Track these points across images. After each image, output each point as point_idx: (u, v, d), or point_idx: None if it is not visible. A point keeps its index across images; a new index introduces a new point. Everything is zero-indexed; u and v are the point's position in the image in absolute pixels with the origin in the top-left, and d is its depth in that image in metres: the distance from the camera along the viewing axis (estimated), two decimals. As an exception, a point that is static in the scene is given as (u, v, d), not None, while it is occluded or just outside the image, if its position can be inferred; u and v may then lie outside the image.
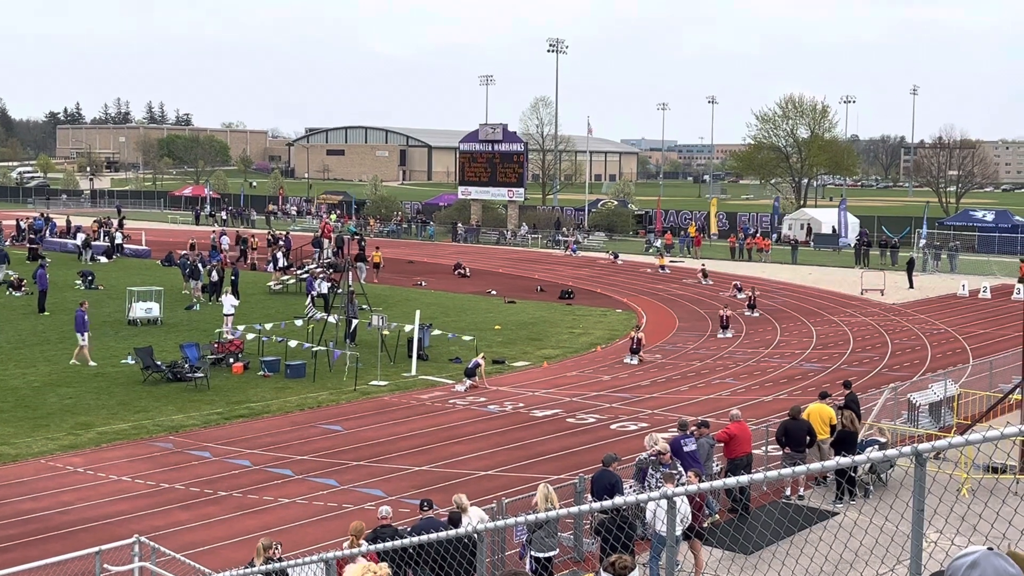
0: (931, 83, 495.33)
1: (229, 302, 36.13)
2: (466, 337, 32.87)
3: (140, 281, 44.31)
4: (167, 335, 34.85)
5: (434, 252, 69.22)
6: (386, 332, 31.57)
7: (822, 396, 20.81)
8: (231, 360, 30.25)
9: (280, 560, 13.14)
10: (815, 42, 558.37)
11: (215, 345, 30.97)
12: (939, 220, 75.10)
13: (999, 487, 17.87)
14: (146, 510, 18.16)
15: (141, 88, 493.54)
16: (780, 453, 19.01)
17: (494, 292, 48.76)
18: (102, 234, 64.32)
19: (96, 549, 12.64)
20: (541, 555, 13.88)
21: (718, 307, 41.11)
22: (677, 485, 14.28)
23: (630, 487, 16.14)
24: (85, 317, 30.75)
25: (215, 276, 44.26)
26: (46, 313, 38.91)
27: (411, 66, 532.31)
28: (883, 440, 20.26)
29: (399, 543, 8.98)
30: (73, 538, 16.44)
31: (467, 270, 56.15)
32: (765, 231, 75.80)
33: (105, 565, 12.82)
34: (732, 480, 6.41)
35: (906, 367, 31.29)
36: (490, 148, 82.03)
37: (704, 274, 53.84)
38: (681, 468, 16.27)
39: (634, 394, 27.86)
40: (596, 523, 14.48)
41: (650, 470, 15.96)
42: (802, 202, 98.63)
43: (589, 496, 15.51)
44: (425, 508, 14.28)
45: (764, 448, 19.91)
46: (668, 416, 24.66)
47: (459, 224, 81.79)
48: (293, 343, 30.59)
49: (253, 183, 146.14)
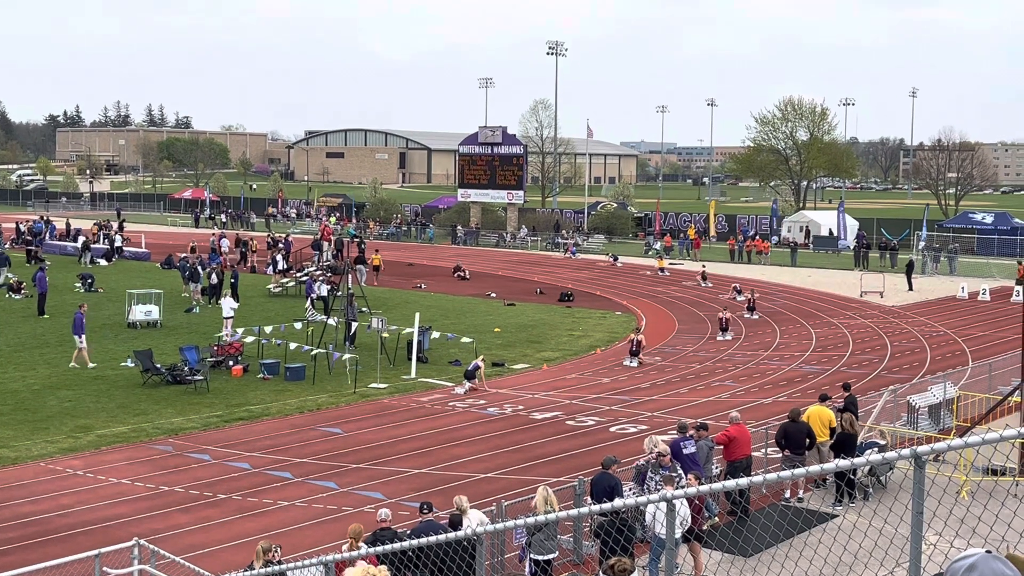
0: (930, 85, 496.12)
1: (228, 305, 36.13)
2: (466, 339, 32.87)
3: (140, 284, 44.34)
4: (167, 338, 34.85)
5: (434, 255, 69.23)
6: (385, 335, 31.56)
7: (822, 399, 20.84)
8: (231, 363, 30.27)
9: (280, 563, 13.15)
10: (814, 44, 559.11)
11: (215, 348, 30.96)
12: (938, 222, 75.12)
13: (998, 489, 17.88)
14: (145, 513, 18.16)
15: (141, 91, 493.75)
16: (780, 456, 19.02)
17: (494, 295, 48.76)
18: (102, 237, 64.33)
19: (95, 552, 12.64)
20: (541, 558, 13.89)
21: (717, 309, 41.12)
22: (676, 488, 14.29)
23: (630, 490, 16.14)
24: (83, 319, 30.78)
25: (215, 279, 44.27)
26: (46, 316, 38.90)
27: (411, 69, 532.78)
28: (882, 442, 20.26)
29: (398, 546, 8.98)
30: (72, 541, 16.44)
31: (467, 272, 56.15)
32: (764, 233, 75.85)
33: (104, 568, 12.81)
34: (732, 482, 6.42)
35: (905, 369, 31.30)
36: (490, 151, 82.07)
37: (704, 276, 53.85)
38: (681, 471, 16.27)
39: (634, 396, 27.86)
40: (596, 526, 14.48)
41: (649, 472, 15.96)
42: (801, 204, 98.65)
43: (589, 499, 15.52)
44: (425, 511, 14.28)
45: (764, 450, 19.92)
46: (668, 418, 24.65)
47: (459, 227, 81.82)
48: (292, 346, 30.60)
49: (253, 186, 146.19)
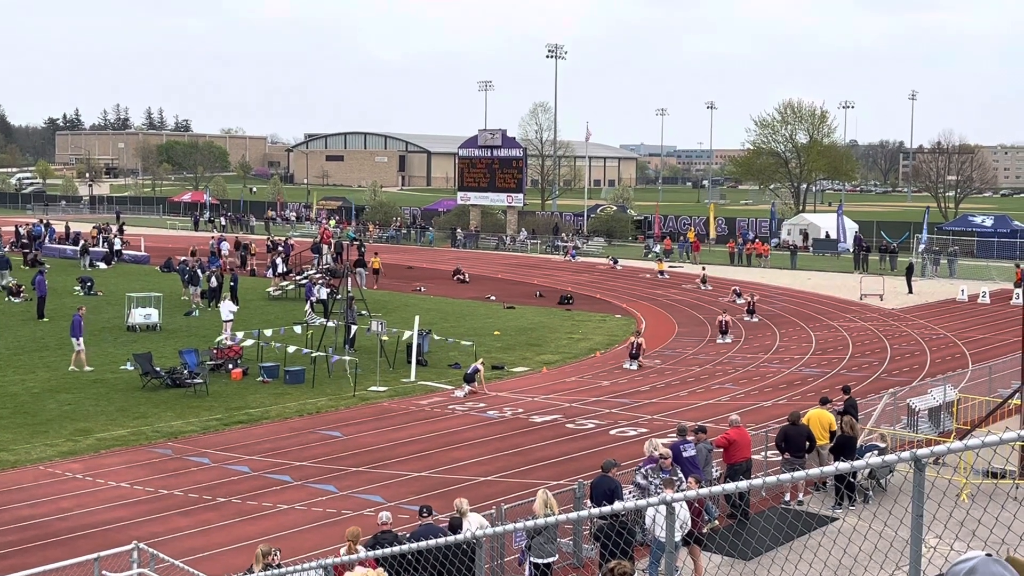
0: (930, 88, 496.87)
1: (228, 308, 36.13)
2: (465, 343, 32.86)
3: (139, 287, 44.33)
4: (166, 341, 34.84)
5: (433, 258, 69.23)
6: (385, 338, 31.56)
7: (823, 402, 20.83)
8: (230, 366, 30.25)
9: (279, 566, 13.14)
10: (814, 47, 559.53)
11: (214, 351, 30.95)
12: (938, 225, 75.13)
13: (998, 492, 17.87)
14: (145, 516, 18.14)
15: (140, 94, 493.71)
16: (780, 458, 19.01)
17: (493, 298, 48.75)
18: (101, 240, 64.32)
19: (95, 555, 12.61)
20: (541, 561, 13.87)
21: (717, 312, 41.11)
22: (676, 491, 14.28)
23: (629, 493, 16.12)
24: (82, 322, 30.77)
25: (214, 282, 44.28)
26: (45, 319, 38.89)
27: (410, 72, 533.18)
28: (882, 445, 20.25)
29: (398, 549, 8.98)
30: (72, 544, 16.42)
31: (466, 276, 56.16)
32: (764, 236, 75.85)
33: (104, 572, 12.78)
34: (731, 485, 6.41)
35: (905, 372, 31.29)
36: (489, 154, 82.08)
37: (703, 280, 53.85)
38: (681, 474, 16.25)
39: (633, 399, 27.85)
40: (595, 529, 14.47)
41: (650, 476, 15.94)
42: (801, 207, 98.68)
43: (588, 502, 15.51)
44: (424, 514, 14.27)
45: (763, 453, 19.90)
46: (667, 422, 24.64)
47: (458, 230, 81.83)
48: (292, 349, 30.59)
49: (253, 189, 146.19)
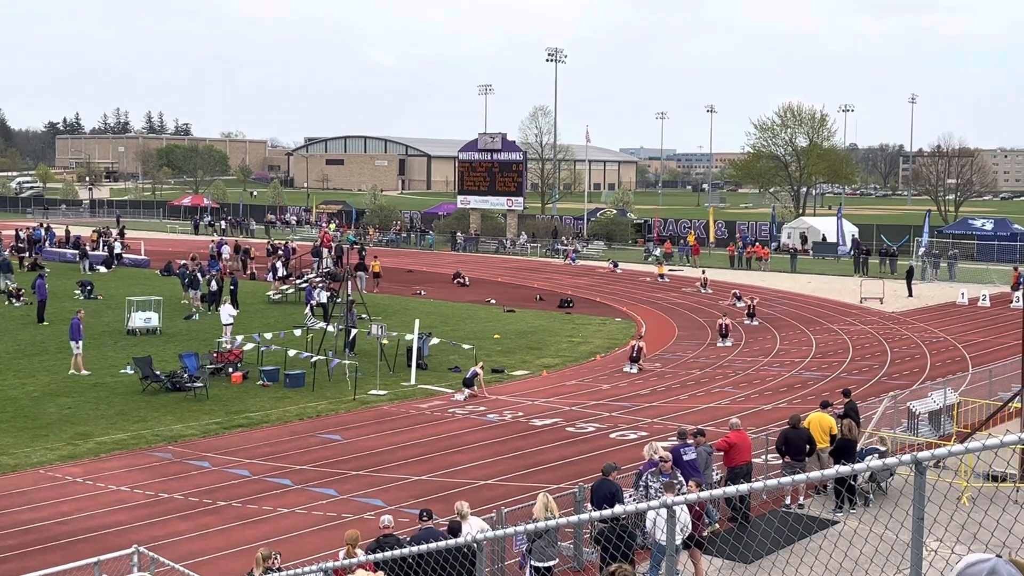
0: (929, 91, 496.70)
1: (227, 312, 36.13)
2: (465, 346, 32.86)
3: (139, 291, 44.31)
4: (166, 345, 34.83)
5: (433, 261, 69.23)
6: (385, 341, 31.54)
7: (823, 405, 20.81)
8: (230, 370, 30.24)
9: (279, 570, 13.14)
10: (813, 51, 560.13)
11: (214, 355, 30.95)
12: (938, 228, 75.13)
13: (999, 495, 17.86)
14: (145, 520, 18.13)
15: (140, 98, 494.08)
16: (780, 462, 19.00)
17: (493, 301, 48.74)
18: (101, 244, 64.32)
19: (95, 559, 12.59)
20: (541, 564, 13.86)
21: (717, 316, 41.10)
22: (677, 494, 14.27)
23: (630, 496, 16.11)
24: (80, 325, 30.76)
25: (214, 286, 44.29)
26: (45, 323, 38.88)
27: (410, 76, 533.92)
28: (883, 449, 20.25)
29: (397, 552, 8.98)
30: (72, 548, 16.41)
31: (466, 279, 56.15)
32: (764, 240, 75.85)
33: (104, 575, 12.77)
34: (732, 489, 6.41)
35: (905, 375, 31.28)
36: (489, 157, 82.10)
37: (704, 283, 53.84)
38: (681, 477, 16.24)
39: (634, 403, 27.84)
40: (596, 532, 14.46)
41: (650, 479, 15.93)
42: (801, 211, 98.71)
43: (589, 505, 15.49)
44: (424, 518, 14.25)
45: (764, 457, 19.90)
46: (668, 425, 24.64)
47: (458, 233, 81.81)
48: (292, 352, 30.58)
49: (253, 192, 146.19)
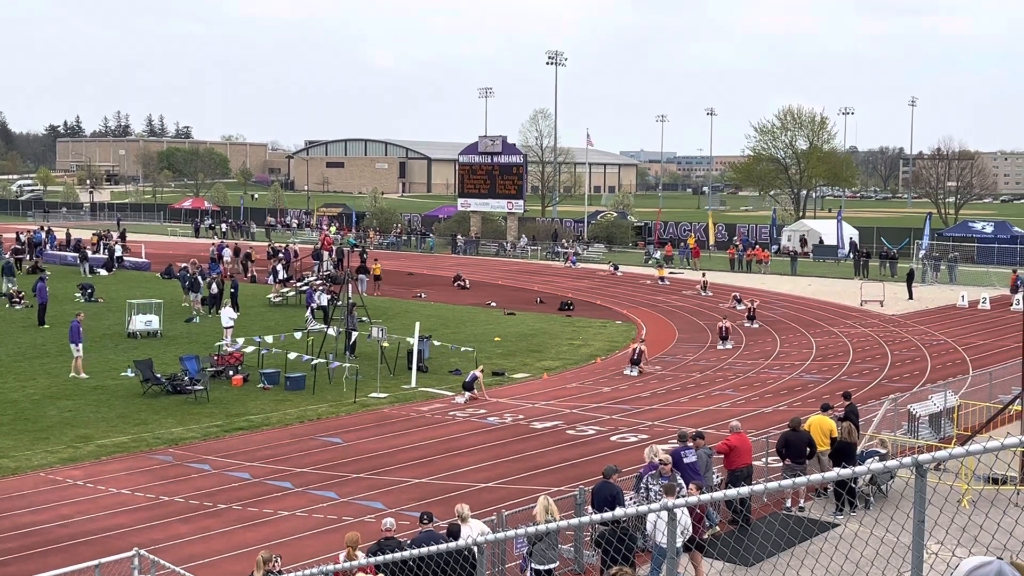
0: (929, 94, 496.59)
1: (228, 314, 36.13)
2: (466, 349, 32.84)
3: (140, 294, 44.32)
4: (167, 348, 34.84)
5: (434, 264, 69.24)
6: (386, 344, 31.55)
7: (824, 408, 20.80)
8: (231, 372, 30.25)
9: (280, 573, 13.14)
10: (813, 54, 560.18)
11: (215, 357, 30.96)
12: (938, 231, 75.17)
13: (1000, 498, 17.86)
14: (145, 523, 18.13)
15: (141, 101, 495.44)
16: (780, 465, 19.00)
17: (494, 304, 48.75)
18: (102, 247, 64.32)
19: (95, 562, 12.59)
20: (542, 567, 13.86)
21: (718, 318, 41.10)
22: (677, 497, 14.26)
23: (630, 499, 16.11)
24: (80, 328, 30.77)
25: (214, 288, 44.29)
26: (46, 326, 38.89)
27: (411, 79, 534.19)
28: (883, 451, 20.24)
29: (397, 555, 8.98)
30: (72, 551, 16.41)
31: (467, 282, 56.16)
32: (764, 243, 75.86)
33: (104, 578, 12.78)
34: (732, 492, 6.40)
35: (906, 378, 31.28)
36: (489, 160, 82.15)
37: (704, 286, 53.84)
38: (681, 480, 16.24)
39: (634, 406, 27.84)
40: (597, 535, 14.46)
41: (650, 482, 15.93)
42: (801, 213, 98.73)
43: (589, 508, 15.49)
44: (425, 521, 14.25)
45: (764, 460, 19.89)
46: (668, 428, 24.64)
47: (459, 236, 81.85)
48: (293, 355, 30.58)
49: (255, 195, 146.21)
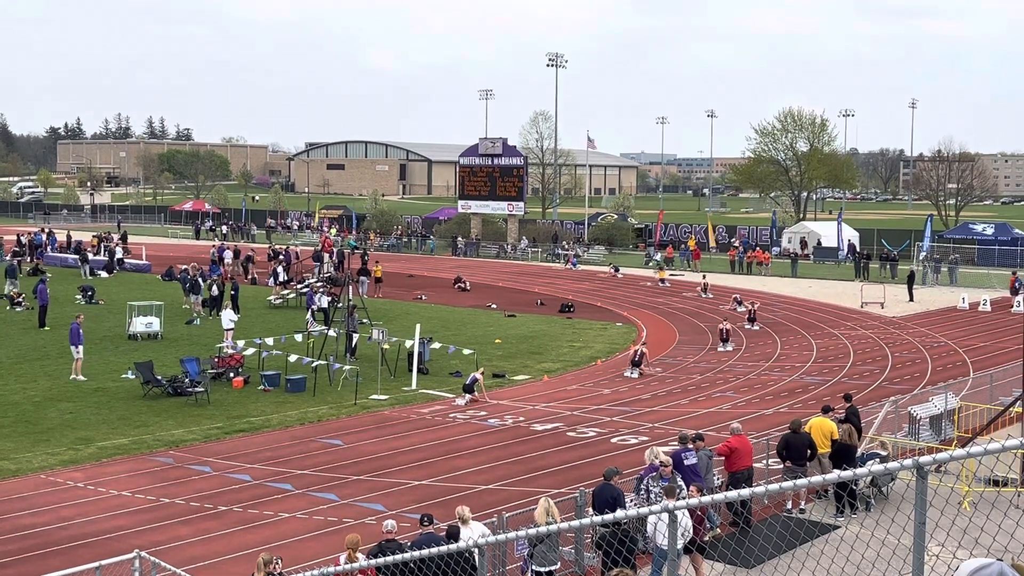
0: (930, 96, 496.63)
1: (228, 316, 36.14)
2: (466, 351, 32.86)
3: (140, 296, 44.35)
4: (167, 350, 34.85)
5: (434, 266, 69.25)
6: (386, 346, 31.55)
7: (825, 410, 20.79)
8: (231, 374, 30.26)
9: (280, 575, 13.14)
10: (814, 55, 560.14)
11: (215, 359, 30.96)
12: (939, 233, 75.18)
13: (1000, 500, 17.86)
14: (146, 525, 18.13)
15: (141, 103, 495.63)
16: (781, 467, 18.99)
17: (494, 306, 48.75)
18: (102, 249, 64.34)
19: (96, 564, 12.61)
20: (543, 569, 13.86)
21: (718, 320, 41.10)
22: (678, 499, 14.26)
23: (631, 501, 16.11)
24: (80, 330, 30.77)
25: (215, 290, 44.29)
26: (46, 328, 38.89)
27: (411, 81, 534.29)
28: (884, 453, 20.23)
29: (399, 557, 8.97)
30: (73, 553, 16.41)
31: (467, 284, 56.16)
32: (764, 244, 75.86)
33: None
34: (733, 494, 6.40)
35: (906, 380, 31.27)
36: (490, 162, 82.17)
37: (704, 288, 53.84)
38: (682, 482, 16.24)
39: (635, 408, 27.83)
40: (597, 537, 14.46)
41: (651, 483, 15.93)
42: (802, 215, 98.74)
43: (590, 510, 15.49)
44: (425, 523, 14.25)
45: (765, 462, 19.89)
46: (669, 430, 24.63)
47: (459, 238, 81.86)
48: (293, 357, 30.59)
49: (255, 197, 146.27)
